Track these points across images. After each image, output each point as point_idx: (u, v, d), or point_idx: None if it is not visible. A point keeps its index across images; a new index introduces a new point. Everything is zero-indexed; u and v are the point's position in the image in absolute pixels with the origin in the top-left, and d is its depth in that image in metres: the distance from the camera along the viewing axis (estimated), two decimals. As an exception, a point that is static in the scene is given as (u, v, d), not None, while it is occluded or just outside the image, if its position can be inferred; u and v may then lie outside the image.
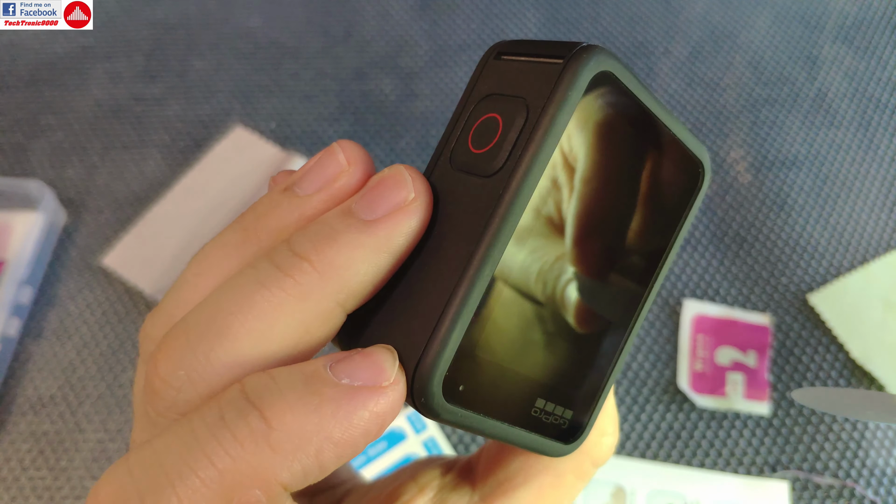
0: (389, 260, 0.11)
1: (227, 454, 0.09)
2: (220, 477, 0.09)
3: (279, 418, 0.09)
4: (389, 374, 0.10)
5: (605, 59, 0.11)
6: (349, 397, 0.10)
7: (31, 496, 0.39)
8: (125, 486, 0.09)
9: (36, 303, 0.45)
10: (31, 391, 0.42)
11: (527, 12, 0.59)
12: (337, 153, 0.12)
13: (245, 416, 0.09)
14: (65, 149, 0.52)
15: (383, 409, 0.10)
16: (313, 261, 0.11)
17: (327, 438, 0.10)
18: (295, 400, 0.10)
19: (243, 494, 0.09)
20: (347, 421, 0.10)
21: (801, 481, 0.40)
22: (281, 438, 0.09)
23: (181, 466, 0.09)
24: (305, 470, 0.10)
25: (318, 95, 0.55)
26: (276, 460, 0.09)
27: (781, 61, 0.57)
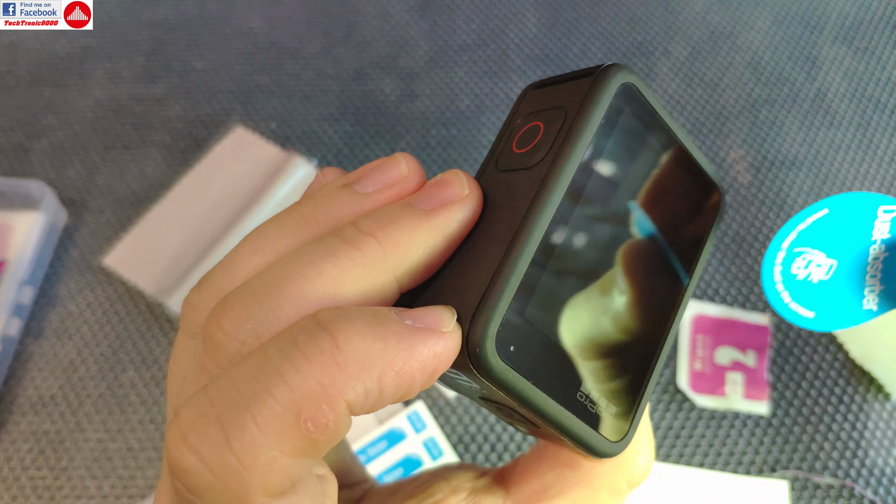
0: (444, 244, 0.12)
1: (298, 372, 0.10)
2: (290, 393, 0.10)
3: (348, 341, 0.10)
4: (448, 323, 0.11)
5: (629, 74, 0.13)
6: (412, 333, 0.11)
7: (32, 496, 0.40)
8: (205, 410, 0.10)
9: (37, 302, 0.45)
10: (32, 391, 0.43)
11: (527, 13, 0.59)
12: (399, 161, 0.13)
13: (316, 337, 0.10)
14: (65, 149, 0.52)
15: (441, 350, 0.11)
16: (378, 237, 0.12)
17: (389, 365, 0.10)
18: (363, 327, 0.10)
19: (312, 409, 0.10)
20: (409, 353, 0.11)
21: (800, 481, 0.40)
22: (348, 358, 0.10)
23: (255, 386, 0.10)
24: (367, 392, 0.10)
25: (318, 96, 0.55)
26: (342, 378, 0.10)
27: (781, 61, 0.57)
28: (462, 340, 0.11)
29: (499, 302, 0.11)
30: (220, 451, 0.10)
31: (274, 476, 0.10)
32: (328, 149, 0.52)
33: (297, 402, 0.10)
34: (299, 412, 0.10)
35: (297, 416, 0.10)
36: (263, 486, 0.10)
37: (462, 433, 0.41)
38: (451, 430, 0.41)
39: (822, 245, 0.15)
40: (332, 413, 0.10)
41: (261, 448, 0.10)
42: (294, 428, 0.10)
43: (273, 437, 0.10)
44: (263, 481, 0.10)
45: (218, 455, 0.10)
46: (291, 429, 0.10)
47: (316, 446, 0.10)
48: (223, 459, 0.10)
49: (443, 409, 0.41)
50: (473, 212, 0.12)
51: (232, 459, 0.10)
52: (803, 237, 0.15)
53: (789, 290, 0.15)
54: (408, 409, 0.41)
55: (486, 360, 0.11)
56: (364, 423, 0.40)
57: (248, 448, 0.10)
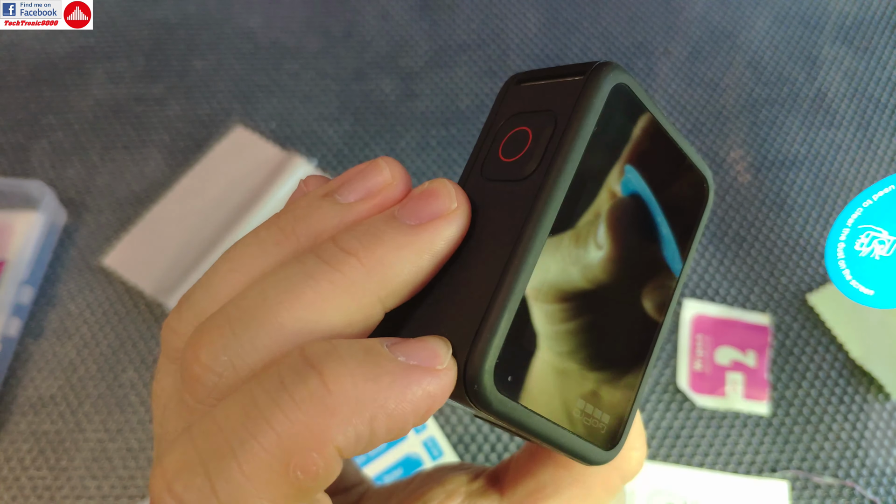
0: (431, 262, 0.12)
1: (287, 417, 0.09)
2: (278, 440, 0.09)
3: (338, 382, 0.10)
4: (443, 359, 0.11)
5: (621, 73, 0.12)
6: (406, 373, 0.10)
7: (32, 496, 0.40)
8: (189, 456, 0.10)
9: (36, 303, 0.45)
10: (32, 391, 0.42)
11: (527, 12, 0.59)
12: (382, 167, 0.12)
13: (305, 378, 0.10)
14: (65, 149, 0.52)
15: (436, 389, 0.10)
16: (360, 257, 0.11)
17: (381, 408, 0.10)
18: (355, 366, 0.10)
19: (301, 457, 0.09)
20: (402, 394, 0.10)
21: (800, 481, 0.40)
22: (338, 402, 0.10)
23: (241, 432, 0.09)
24: (359, 436, 0.10)
25: (318, 95, 0.55)
26: (333, 423, 0.10)
27: (781, 61, 0.57)
28: (459, 375, 0.11)
29: (496, 334, 0.11)
30: (205, 499, 0.09)
31: None
32: (328, 148, 0.52)
33: (285, 450, 0.09)
34: (288, 460, 0.09)
35: (286, 464, 0.09)
36: None
37: (462, 433, 0.41)
38: (451, 429, 0.41)
39: (887, 222, 0.15)
40: (321, 460, 0.10)
41: (249, 498, 0.09)
42: (282, 476, 0.09)
43: (261, 486, 0.09)
44: None
45: (199, 501, 0.09)
46: (280, 477, 0.09)
47: (305, 493, 0.10)
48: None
49: (443, 409, 0.41)
50: (462, 227, 0.12)
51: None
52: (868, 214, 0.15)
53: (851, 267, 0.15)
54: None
55: (484, 395, 0.11)
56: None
57: (236, 498, 0.09)
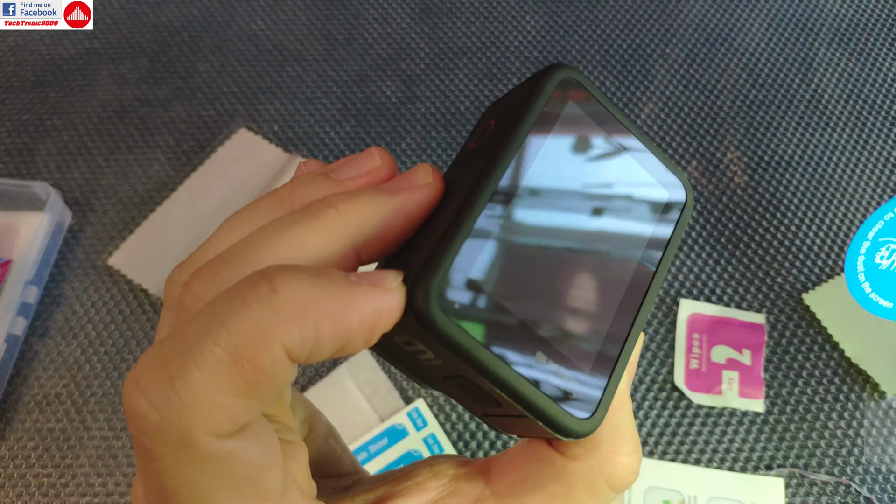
0: (401, 220, 0.13)
1: (237, 317, 0.11)
2: (229, 337, 0.10)
3: (287, 287, 0.11)
4: (392, 282, 0.12)
5: (570, 70, 0.14)
6: (353, 285, 0.11)
7: (37, 493, 0.40)
8: (156, 357, 0.11)
9: (42, 302, 0.46)
10: (37, 389, 0.43)
11: (526, 16, 0.60)
12: (374, 153, 0.14)
13: (257, 285, 0.11)
14: (70, 151, 0.53)
15: (381, 304, 0.11)
16: (339, 208, 0.12)
17: (328, 313, 0.11)
18: (304, 277, 0.11)
19: (249, 351, 0.10)
20: (347, 302, 0.11)
21: (796, 478, 0.40)
22: (285, 303, 0.11)
23: (200, 334, 0.11)
24: (304, 337, 0.11)
25: (320, 98, 0.55)
26: (279, 321, 0.11)
27: (777, 64, 0.57)
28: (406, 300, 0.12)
29: (442, 260, 0.12)
30: (165, 392, 0.10)
31: (216, 416, 0.11)
32: (330, 150, 0.53)
33: (234, 344, 0.10)
34: (237, 353, 0.10)
35: (235, 357, 0.10)
36: (206, 425, 0.11)
37: (462, 430, 0.41)
38: (452, 427, 0.41)
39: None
40: (267, 355, 0.10)
41: (201, 388, 0.10)
42: (232, 368, 0.10)
43: (212, 377, 0.10)
44: (205, 420, 0.10)
45: (163, 395, 0.10)
46: (230, 369, 0.10)
47: (255, 388, 0.11)
48: (167, 399, 0.10)
49: (443, 407, 0.42)
50: (432, 196, 0.13)
51: (175, 399, 0.10)
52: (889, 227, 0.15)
53: (871, 280, 0.15)
54: (409, 406, 0.41)
55: (428, 312, 0.12)
56: (365, 421, 0.41)
57: (190, 388, 0.10)
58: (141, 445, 0.11)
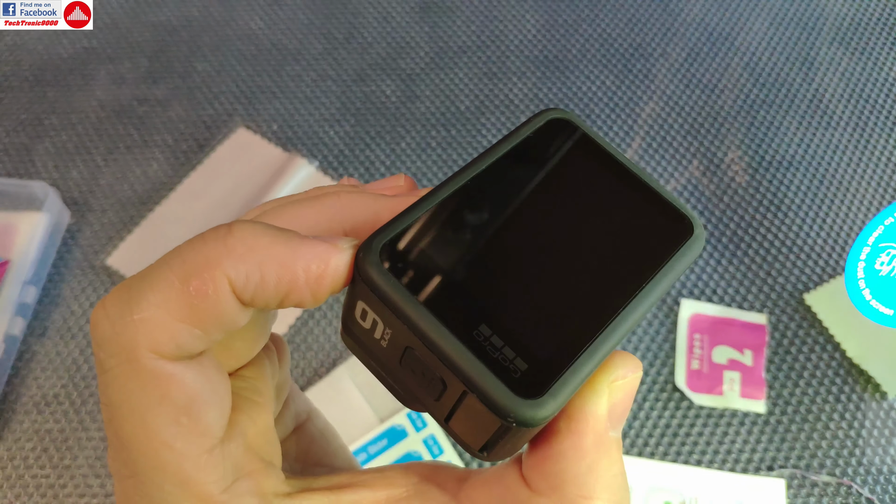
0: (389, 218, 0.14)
1: (192, 248, 0.12)
2: (182, 264, 0.12)
3: (240, 231, 0.12)
4: (344, 242, 0.13)
5: (563, 112, 0.16)
6: (304, 239, 0.12)
7: (35, 494, 0.40)
8: (122, 283, 0.12)
9: (40, 302, 0.46)
10: (36, 390, 0.43)
11: (526, 14, 0.60)
12: (400, 177, 0.16)
13: (216, 229, 0.12)
14: (69, 150, 0.52)
15: (328, 256, 0.12)
16: (340, 196, 0.14)
17: (274, 256, 0.12)
18: (261, 228, 0.12)
19: (196, 277, 0.12)
20: (294, 250, 0.12)
21: (797, 479, 0.40)
22: (236, 243, 0.12)
23: (160, 263, 0.12)
24: (249, 274, 0.12)
25: (319, 97, 0.55)
26: (227, 255, 0.12)
27: (778, 63, 0.57)
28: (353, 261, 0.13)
29: (390, 226, 0.13)
30: (121, 308, 0.12)
31: (160, 334, 0.11)
32: (329, 150, 0.52)
33: (185, 270, 0.12)
34: (185, 278, 0.12)
35: (183, 281, 0.12)
36: (149, 342, 0.11)
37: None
38: (452, 428, 0.41)
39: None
40: (212, 283, 0.12)
41: (151, 306, 0.12)
42: (179, 292, 0.12)
43: (161, 296, 0.12)
44: (150, 337, 0.11)
45: (118, 311, 0.12)
46: (177, 292, 0.12)
47: (199, 314, 0.12)
48: (121, 314, 0.12)
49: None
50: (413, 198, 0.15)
51: (127, 314, 0.12)
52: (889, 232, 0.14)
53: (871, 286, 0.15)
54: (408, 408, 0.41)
55: (367, 264, 0.13)
56: (365, 422, 0.41)
57: (141, 305, 0.12)
58: (97, 358, 0.12)
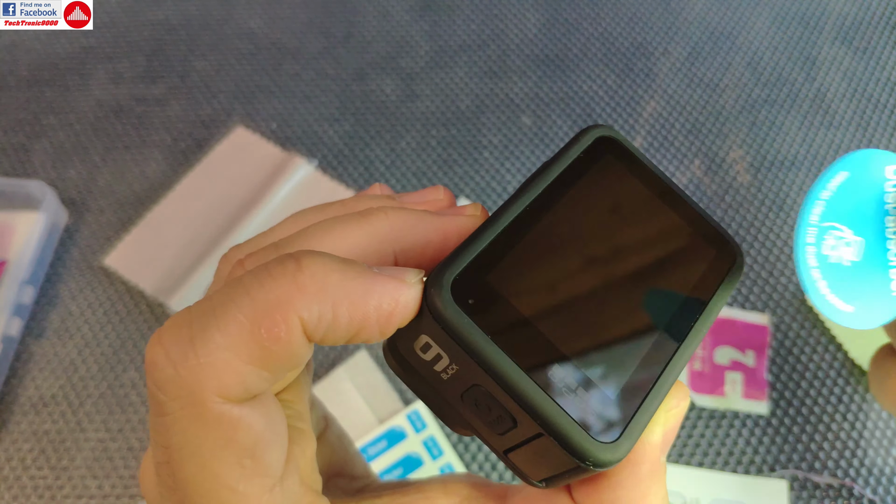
0: (440, 240, 0.14)
1: (262, 287, 0.11)
2: (251, 303, 0.11)
3: (310, 267, 0.11)
4: (412, 278, 0.12)
5: (608, 129, 0.16)
6: (373, 275, 0.12)
7: (33, 495, 0.40)
8: (181, 318, 0.12)
9: (37, 302, 0.45)
10: (33, 390, 0.43)
11: (527, 13, 0.60)
12: (439, 189, 0.16)
13: (284, 263, 0.12)
14: (66, 149, 0.52)
15: (399, 294, 0.12)
16: (388, 214, 0.13)
17: (346, 294, 0.11)
18: (329, 261, 0.12)
19: (268, 319, 0.11)
20: (365, 288, 0.12)
21: (799, 480, 0.40)
22: (307, 280, 0.11)
23: (225, 300, 0.11)
24: (321, 315, 0.11)
25: (318, 96, 0.55)
26: (299, 295, 0.11)
27: (780, 62, 0.57)
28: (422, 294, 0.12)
29: (460, 257, 0.13)
30: (184, 348, 0.11)
31: (227, 378, 0.11)
32: (328, 149, 0.52)
33: (255, 311, 0.11)
34: (256, 320, 0.11)
35: (254, 323, 0.11)
36: (216, 386, 0.11)
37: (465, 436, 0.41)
38: (451, 430, 0.41)
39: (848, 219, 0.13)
40: (284, 325, 0.11)
41: (218, 348, 0.11)
42: (250, 334, 0.11)
43: (230, 339, 0.11)
44: (217, 381, 0.11)
45: (181, 351, 0.11)
46: (247, 334, 0.11)
47: (269, 357, 0.11)
48: (185, 355, 0.11)
49: (443, 409, 0.42)
50: (474, 224, 0.14)
51: (191, 356, 0.11)
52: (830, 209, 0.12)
53: (827, 277, 0.12)
54: (408, 408, 0.41)
55: (440, 299, 0.12)
56: (364, 423, 0.41)
57: (208, 347, 0.11)
58: (154, 399, 0.11)
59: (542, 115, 0.54)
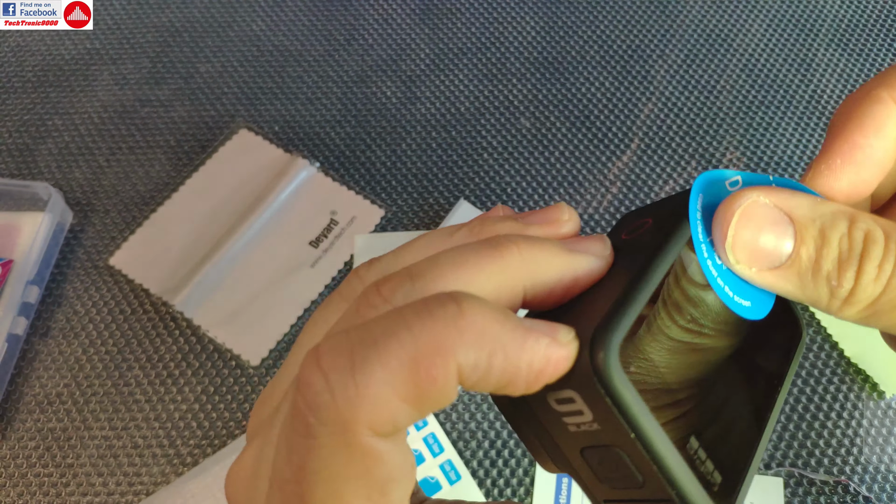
0: (570, 280, 0.14)
1: (423, 326, 0.11)
2: (413, 341, 0.11)
3: (472, 313, 0.11)
4: (565, 335, 0.12)
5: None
6: (528, 330, 0.12)
7: (38, 492, 0.40)
8: (342, 343, 0.12)
9: (43, 302, 0.46)
10: (38, 389, 0.43)
11: (526, 17, 0.60)
12: (563, 208, 0.15)
13: (445, 305, 0.12)
14: (71, 151, 0.53)
15: (551, 353, 0.12)
16: (521, 248, 0.13)
17: (502, 346, 0.12)
18: (488, 310, 0.12)
19: (428, 359, 0.11)
20: (521, 342, 0.12)
21: (795, 477, 0.40)
22: (468, 327, 0.11)
23: (387, 332, 0.11)
24: (477, 363, 0.11)
25: (321, 99, 0.55)
26: (459, 341, 0.11)
27: (776, 65, 0.57)
28: (582, 355, 0.12)
29: (621, 322, 0.12)
30: (343, 376, 0.11)
31: (381, 413, 0.11)
32: (330, 151, 0.53)
33: (416, 349, 0.11)
34: (417, 359, 0.11)
35: (414, 362, 0.11)
36: (369, 419, 0.11)
37: (462, 430, 0.41)
38: (452, 426, 0.41)
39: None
40: (443, 368, 0.11)
41: (378, 383, 0.11)
42: (409, 372, 0.11)
43: (390, 374, 0.11)
44: (371, 414, 0.11)
45: (340, 379, 0.11)
46: (407, 372, 0.11)
47: (423, 397, 0.11)
48: (343, 384, 0.11)
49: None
50: (604, 267, 0.14)
51: (351, 385, 0.11)
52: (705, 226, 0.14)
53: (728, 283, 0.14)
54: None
55: (607, 367, 0.12)
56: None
57: (368, 380, 0.11)
58: (303, 420, 0.11)
59: (540, 117, 0.54)
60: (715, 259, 0.14)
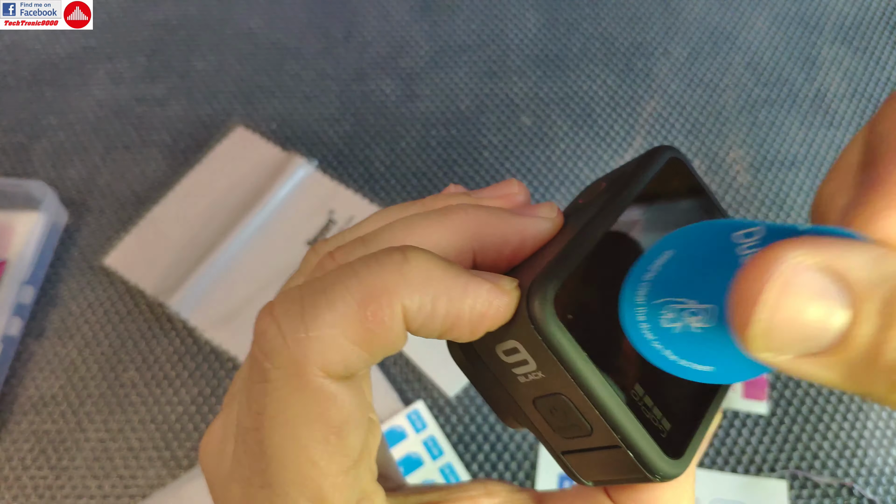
0: (518, 241, 0.14)
1: (370, 271, 0.12)
2: (359, 285, 0.12)
3: (416, 259, 0.12)
4: (507, 284, 0.13)
5: (676, 151, 0.16)
6: (472, 276, 0.13)
7: (33, 495, 0.40)
8: (293, 294, 0.12)
9: (37, 302, 0.45)
10: (33, 390, 0.43)
11: (527, 13, 0.60)
12: (512, 183, 0.16)
13: (391, 254, 0.12)
14: (66, 149, 0.52)
15: (494, 298, 0.12)
16: (468, 211, 0.14)
17: (446, 290, 0.12)
18: (434, 258, 0.12)
19: (374, 301, 0.12)
20: (463, 288, 0.12)
21: (799, 480, 0.40)
22: (412, 271, 0.12)
23: (335, 281, 0.12)
24: (421, 305, 0.12)
25: (318, 96, 0.55)
26: (404, 284, 0.12)
27: (780, 62, 0.57)
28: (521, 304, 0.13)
29: (560, 271, 0.13)
30: (293, 321, 0.12)
31: (332, 354, 0.12)
32: (328, 149, 0.52)
33: (362, 293, 0.12)
34: (363, 302, 0.12)
35: (361, 305, 0.12)
36: (321, 360, 0.12)
37: (462, 433, 0.41)
38: (451, 429, 0.41)
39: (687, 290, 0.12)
40: (388, 310, 0.12)
41: (326, 324, 0.12)
42: (356, 315, 0.12)
43: (338, 317, 0.12)
44: (322, 355, 0.12)
45: (291, 324, 0.12)
46: (354, 313, 0.12)
47: (372, 339, 0.12)
48: (294, 327, 0.12)
49: (443, 409, 0.42)
50: (551, 229, 0.15)
51: (301, 328, 0.12)
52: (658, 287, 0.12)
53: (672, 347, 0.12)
54: (408, 408, 0.41)
55: (543, 312, 0.12)
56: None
57: (316, 322, 0.12)
58: (258, 366, 0.12)
59: (541, 115, 0.54)
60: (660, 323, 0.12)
